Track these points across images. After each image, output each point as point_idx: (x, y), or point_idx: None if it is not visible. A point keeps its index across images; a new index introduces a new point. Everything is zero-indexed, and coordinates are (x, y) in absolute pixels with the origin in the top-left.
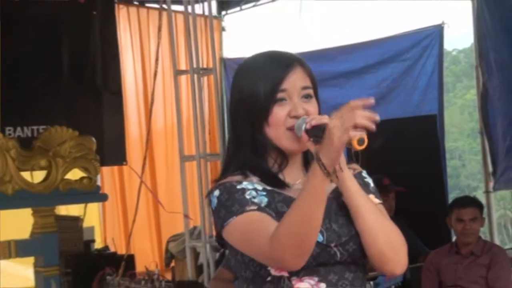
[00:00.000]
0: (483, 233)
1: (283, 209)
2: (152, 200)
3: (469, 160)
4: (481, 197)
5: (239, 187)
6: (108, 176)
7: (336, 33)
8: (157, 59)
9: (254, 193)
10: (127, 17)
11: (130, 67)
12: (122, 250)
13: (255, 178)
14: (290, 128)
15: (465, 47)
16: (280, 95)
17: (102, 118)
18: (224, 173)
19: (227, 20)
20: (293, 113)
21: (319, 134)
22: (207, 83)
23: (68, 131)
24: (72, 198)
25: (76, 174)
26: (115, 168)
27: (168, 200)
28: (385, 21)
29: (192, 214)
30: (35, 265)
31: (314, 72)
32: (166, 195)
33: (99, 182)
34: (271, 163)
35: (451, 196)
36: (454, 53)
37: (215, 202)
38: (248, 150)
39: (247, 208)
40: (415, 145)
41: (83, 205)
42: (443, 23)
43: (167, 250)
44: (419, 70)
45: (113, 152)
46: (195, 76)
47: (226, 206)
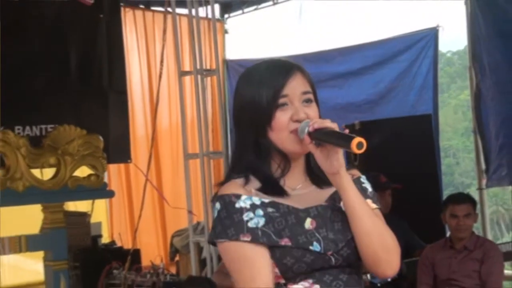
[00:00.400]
0: (476, 228)
1: (280, 226)
2: (157, 196)
3: (463, 158)
4: (475, 193)
5: (237, 205)
6: (115, 174)
7: (335, 35)
8: (162, 61)
9: (251, 215)
10: (133, 20)
11: (136, 68)
12: (128, 245)
13: (256, 183)
14: (293, 132)
15: (459, 49)
16: (282, 100)
17: (108, 117)
18: (230, 174)
19: (230, 23)
20: (295, 117)
21: (320, 137)
22: (210, 84)
23: (76, 129)
24: (80, 195)
25: (84, 171)
26: (121, 165)
27: (172, 197)
28: (382, 22)
29: (196, 210)
30: (45, 259)
31: (313, 73)
32: (171, 191)
33: (106, 179)
34: (275, 168)
35: (446, 193)
36: (449, 55)
37: (215, 214)
38: (252, 154)
39: (241, 238)
40: (411, 144)
41: (90, 201)
42: (438, 26)
43: (171, 244)
44: (415, 71)
45: (118, 150)
46: (199, 77)
47: (223, 224)
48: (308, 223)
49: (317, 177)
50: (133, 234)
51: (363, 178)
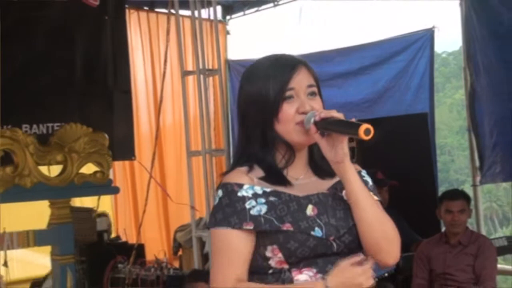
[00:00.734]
0: (471, 224)
1: (282, 212)
2: (161, 192)
3: (458, 155)
4: (469, 190)
5: (239, 194)
6: (120, 170)
7: (334, 36)
8: (165, 61)
9: (253, 203)
10: (138, 21)
11: (141, 68)
12: (133, 240)
13: (259, 172)
14: (299, 123)
15: (454, 49)
16: (288, 93)
17: (113, 116)
18: (234, 165)
19: (231, 24)
20: (301, 109)
21: (327, 126)
22: (213, 83)
23: (82, 128)
24: (86, 191)
25: (90, 168)
26: (126, 162)
27: (175, 193)
28: (380, 24)
29: (198, 205)
30: (52, 254)
31: None
32: (174, 188)
33: (111, 176)
34: (279, 158)
35: (441, 189)
36: (444, 55)
37: (216, 200)
38: (257, 145)
39: (244, 226)
40: (408, 142)
41: (96, 197)
42: (434, 27)
43: (175, 239)
44: (412, 71)
45: (122, 148)
46: (201, 76)
47: (224, 211)
48: (310, 210)
49: (319, 168)
50: (137, 229)
51: (364, 172)
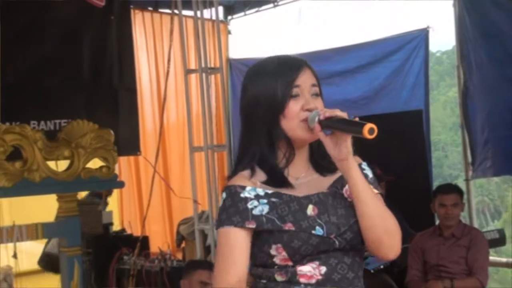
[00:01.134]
0: (463, 217)
1: (284, 212)
2: (164, 187)
3: (451, 151)
4: (462, 184)
5: (242, 195)
6: (125, 166)
7: (332, 36)
8: (169, 59)
9: (255, 203)
10: (142, 21)
11: (145, 67)
12: (137, 232)
13: (261, 176)
14: (303, 121)
15: (447, 49)
16: (294, 90)
17: (119, 113)
18: (237, 166)
19: (233, 24)
20: (306, 106)
21: (332, 125)
22: (214, 81)
23: (89, 124)
24: (93, 185)
25: (96, 163)
26: (131, 158)
27: (179, 187)
28: (376, 24)
29: (201, 199)
30: (60, 246)
31: None
32: (177, 182)
33: (117, 171)
34: (280, 157)
35: (435, 183)
36: (438, 54)
37: (221, 202)
38: (261, 144)
39: (247, 225)
40: (403, 138)
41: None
42: (428, 27)
43: (178, 232)
44: (407, 69)
45: (128, 143)
46: (204, 74)
47: (228, 212)
48: (310, 210)
49: (320, 165)
50: (142, 222)
51: (364, 165)
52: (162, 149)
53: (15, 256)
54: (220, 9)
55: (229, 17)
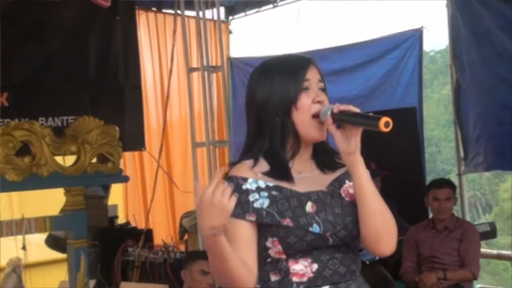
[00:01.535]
0: (456, 210)
1: (283, 207)
2: (168, 181)
3: (444, 147)
4: (454, 179)
5: (244, 187)
6: (130, 161)
7: (329, 35)
8: (172, 58)
9: (257, 196)
10: (146, 21)
11: (149, 65)
12: (141, 225)
13: (264, 166)
14: (315, 115)
15: (441, 48)
16: (305, 84)
17: (124, 110)
18: (243, 156)
19: (234, 24)
20: (316, 98)
21: (346, 118)
22: (216, 79)
23: (94, 120)
24: (98, 180)
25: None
26: (136, 153)
27: (181, 181)
28: (372, 23)
29: None
30: (67, 238)
31: None
32: (180, 176)
33: (122, 166)
34: (287, 149)
35: (429, 178)
36: (432, 53)
37: None
38: (271, 135)
39: (247, 217)
40: (398, 134)
41: None
42: (422, 27)
43: (181, 225)
44: (402, 68)
45: (133, 139)
46: (206, 73)
47: None
48: (309, 207)
49: (322, 162)
50: (146, 215)
51: None
52: (166, 144)
53: (24, 248)
54: (222, 9)
55: (230, 17)
